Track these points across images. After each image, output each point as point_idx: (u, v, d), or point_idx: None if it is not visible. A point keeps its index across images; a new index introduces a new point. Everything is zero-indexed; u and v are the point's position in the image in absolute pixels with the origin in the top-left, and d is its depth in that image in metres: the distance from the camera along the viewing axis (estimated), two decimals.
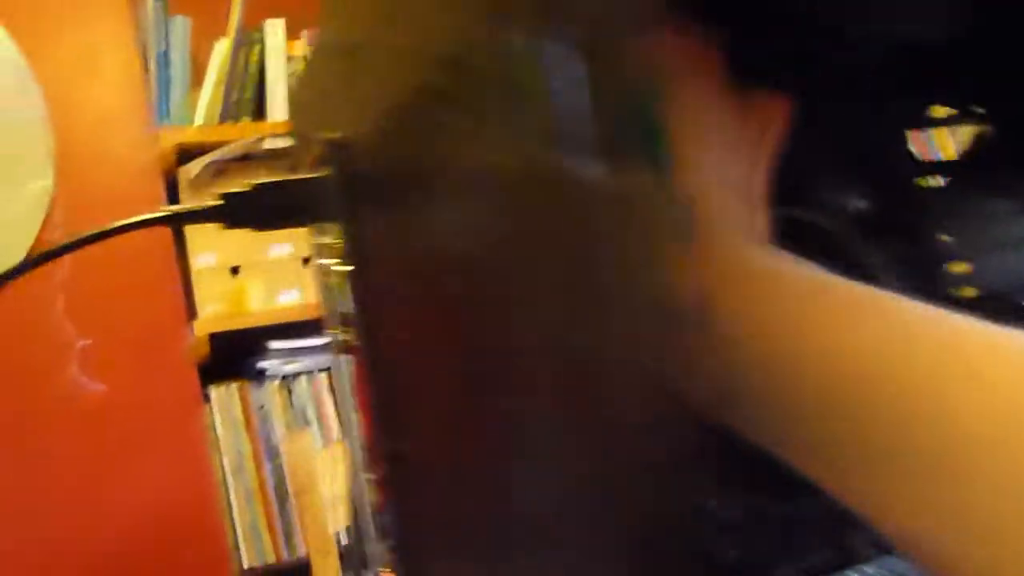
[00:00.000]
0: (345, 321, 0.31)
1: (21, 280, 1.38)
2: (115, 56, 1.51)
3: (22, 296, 1.42)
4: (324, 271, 0.33)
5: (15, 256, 1.42)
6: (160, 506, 1.47)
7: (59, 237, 1.45)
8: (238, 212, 0.31)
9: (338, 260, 0.31)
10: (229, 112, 1.72)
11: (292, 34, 1.78)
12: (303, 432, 1.30)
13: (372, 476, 0.28)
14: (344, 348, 0.33)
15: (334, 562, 1.30)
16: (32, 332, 1.42)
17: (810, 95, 0.26)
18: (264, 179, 0.31)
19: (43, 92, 1.45)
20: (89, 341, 1.45)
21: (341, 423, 1.66)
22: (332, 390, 1.67)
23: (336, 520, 1.31)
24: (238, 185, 0.31)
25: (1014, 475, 0.18)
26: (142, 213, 1.47)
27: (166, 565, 1.46)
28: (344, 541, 1.60)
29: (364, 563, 1.03)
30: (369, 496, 0.32)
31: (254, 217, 0.31)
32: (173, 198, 1.63)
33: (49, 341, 1.43)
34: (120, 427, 1.45)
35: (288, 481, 1.52)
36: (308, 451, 1.29)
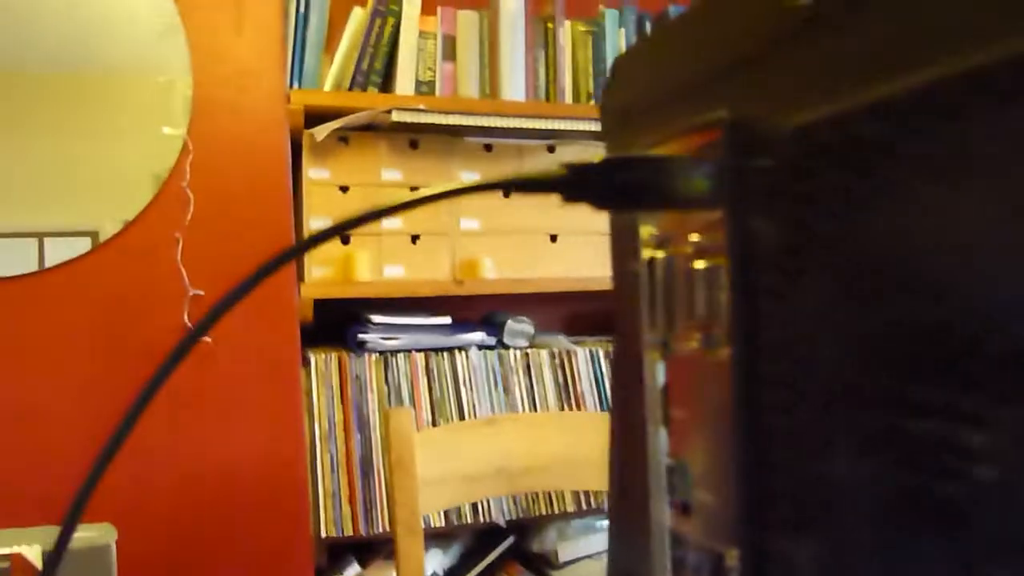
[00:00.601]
0: (702, 323, 0.28)
1: (149, 220, 1.40)
2: (260, 12, 1.52)
3: (147, 236, 1.44)
4: (656, 263, 0.30)
5: (140, 199, 1.44)
6: (248, 462, 1.48)
7: (186, 185, 1.46)
8: (581, 185, 0.28)
9: (693, 253, 0.28)
10: (357, 80, 1.72)
11: (427, 10, 1.77)
12: (404, 409, 1.28)
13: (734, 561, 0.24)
14: (666, 349, 0.30)
15: (419, 543, 1.29)
16: (150, 273, 1.44)
17: None
18: (617, 154, 0.28)
19: (188, 41, 1.46)
20: (201, 292, 1.46)
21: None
22: (427, 371, 1.66)
23: (426, 503, 1.29)
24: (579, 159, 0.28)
25: None
26: (266, 168, 1.50)
27: (246, 521, 1.47)
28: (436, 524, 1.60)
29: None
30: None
31: (597, 193, 0.28)
32: (297, 158, 1.64)
33: (164, 285, 1.44)
34: (219, 380, 1.46)
35: (385, 455, 1.51)
36: (408, 428, 1.28)
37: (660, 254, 0.30)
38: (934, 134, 0.18)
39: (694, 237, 0.28)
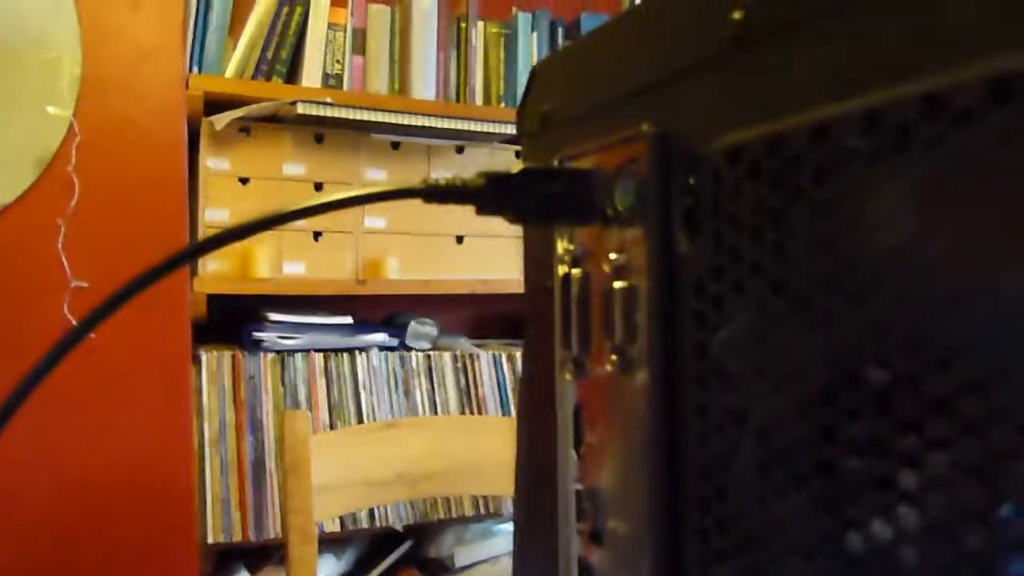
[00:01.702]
0: (618, 345, 0.26)
1: (28, 204, 1.31)
2: None
3: (25, 222, 1.34)
4: (571, 280, 0.29)
5: (19, 183, 1.34)
6: (132, 463, 1.40)
7: (71, 170, 1.37)
8: (499, 196, 0.26)
9: (611, 272, 0.26)
10: (261, 68, 1.66)
11: (337, 1, 1.73)
12: (301, 412, 1.24)
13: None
14: (580, 370, 0.29)
15: (312, 550, 1.25)
16: (27, 262, 1.35)
17: None
18: (529, 165, 0.27)
19: (78, 14, 1.38)
20: (85, 284, 1.38)
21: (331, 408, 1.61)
22: (326, 372, 1.61)
23: (321, 509, 1.26)
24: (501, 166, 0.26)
25: None
26: (160, 156, 1.44)
27: (129, 524, 1.39)
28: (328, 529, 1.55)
29: None
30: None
31: (515, 206, 0.26)
32: (194, 147, 1.56)
33: (43, 275, 1.35)
34: (102, 378, 1.38)
35: (280, 460, 1.46)
36: (304, 431, 1.24)
37: (576, 271, 0.29)
38: (869, 157, 0.18)
39: (612, 255, 0.27)
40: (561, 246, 0.29)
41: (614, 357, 0.26)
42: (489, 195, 0.26)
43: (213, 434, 1.50)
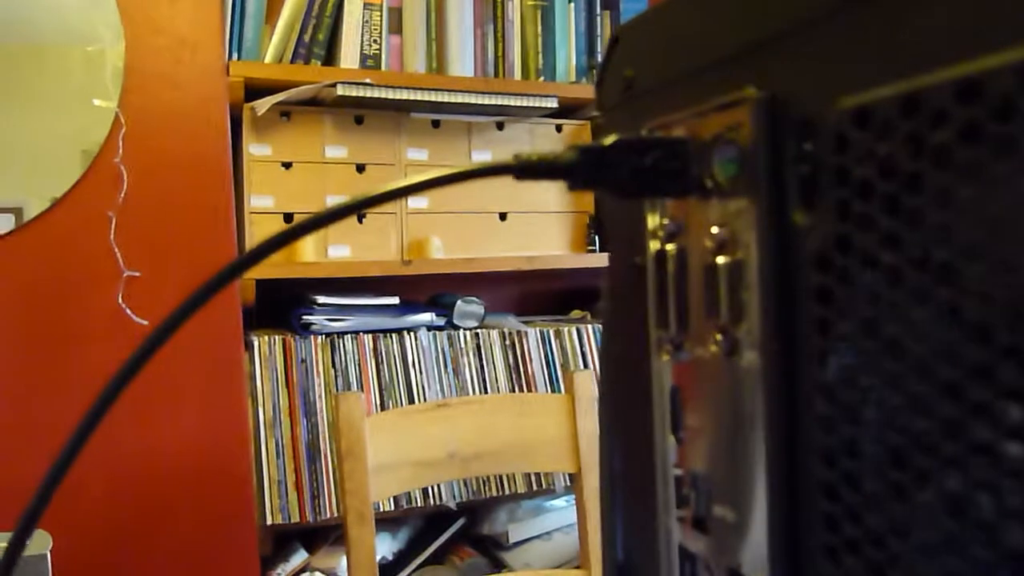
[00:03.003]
0: (722, 325, 0.25)
1: (78, 197, 1.32)
2: None
3: (76, 214, 1.36)
4: (667, 256, 0.28)
5: (69, 175, 1.36)
6: (190, 450, 1.42)
7: (119, 161, 1.39)
8: (595, 170, 0.25)
9: (713, 247, 0.25)
10: (299, 53, 1.66)
11: None
12: (354, 394, 1.25)
13: None
14: (677, 351, 0.27)
15: (370, 531, 1.26)
16: (80, 253, 1.36)
17: None
18: (626, 135, 0.25)
19: (119, 7, 1.38)
20: (137, 273, 1.39)
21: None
22: (375, 353, 1.62)
23: (377, 490, 1.26)
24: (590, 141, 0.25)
25: None
26: (205, 144, 1.44)
27: (189, 509, 1.41)
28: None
29: None
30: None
31: (611, 179, 0.25)
32: (237, 133, 1.57)
33: (96, 266, 1.37)
34: (157, 367, 1.40)
35: (335, 442, 1.48)
36: (358, 414, 1.24)
37: (671, 246, 0.27)
38: (1019, 117, 0.16)
39: (714, 229, 0.25)
40: (653, 220, 0.28)
41: (718, 337, 0.25)
42: (582, 169, 0.25)
43: (268, 418, 1.52)
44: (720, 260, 0.25)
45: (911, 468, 0.19)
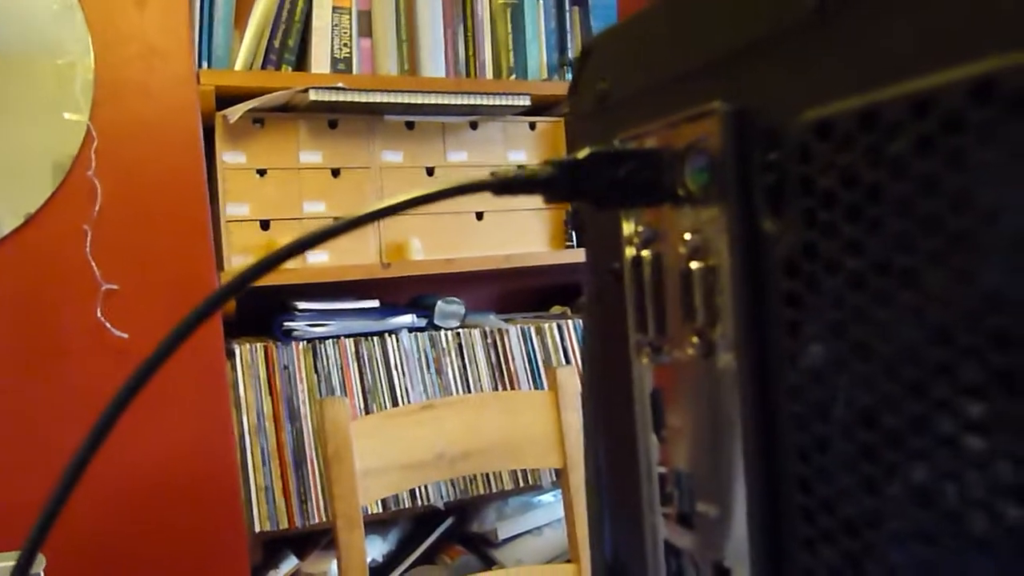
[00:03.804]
0: (698, 328, 0.26)
1: (53, 212, 1.31)
2: None
3: (51, 229, 1.35)
4: (643, 262, 0.28)
5: (41, 190, 1.35)
6: (176, 461, 1.42)
7: (92, 174, 1.38)
8: (570, 184, 0.26)
9: (687, 253, 0.26)
10: (269, 59, 1.65)
11: None
12: (339, 399, 1.25)
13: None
14: (656, 354, 0.28)
15: (359, 534, 1.26)
16: (57, 269, 1.36)
17: None
18: (598, 147, 0.26)
19: (87, 19, 1.37)
20: (115, 286, 1.39)
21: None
22: (357, 357, 1.62)
23: (365, 494, 1.27)
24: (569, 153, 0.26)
25: None
26: (178, 154, 1.43)
27: (178, 519, 1.41)
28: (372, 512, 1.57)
29: None
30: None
31: (590, 191, 0.26)
32: (210, 142, 1.56)
33: (74, 281, 1.36)
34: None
35: (321, 448, 1.48)
36: (344, 419, 1.25)
37: (647, 253, 0.28)
38: (980, 129, 0.17)
39: (687, 235, 0.26)
40: (628, 227, 0.29)
41: (695, 340, 0.26)
42: (558, 183, 0.26)
43: (252, 425, 1.52)
44: (694, 266, 0.26)
45: (880, 462, 0.20)
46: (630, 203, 0.27)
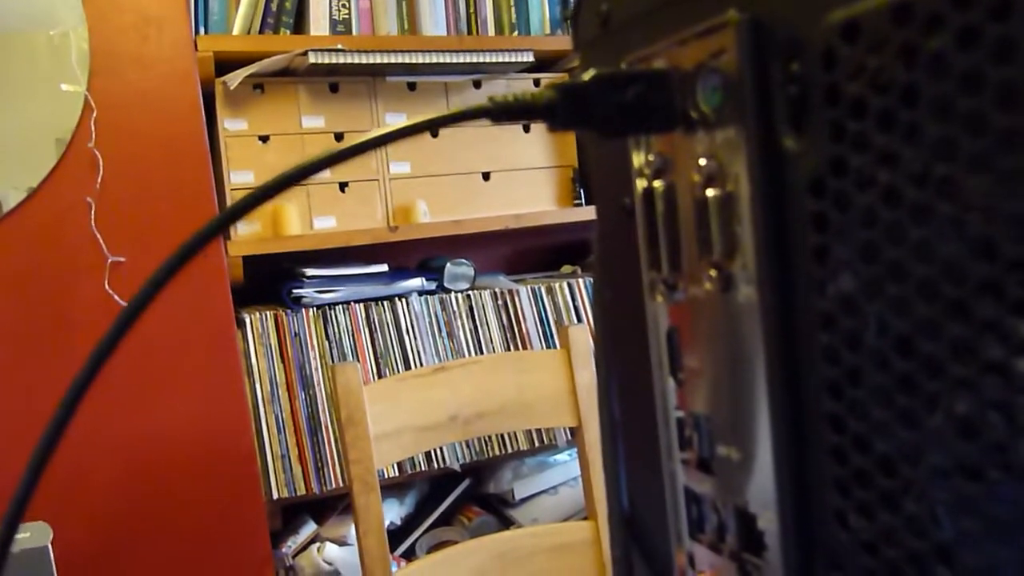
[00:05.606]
0: (716, 261, 0.24)
1: (56, 185, 1.30)
2: None
3: (55, 203, 1.34)
4: (655, 194, 0.27)
5: (43, 164, 1.33)
6: (191, 433, 1.42)
7: (93, 146, 1.36)
8: (576, 109, 0.24)
9: (702, 180, 0.24)
10: (267, 22, 1.62)
11: None
12: (351, 364, 1.24)
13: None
14: (672, 292, 0.27)
15: (376, 498, 1.26)
16: (63, 242, 1.35)
17: None
18: (604, 70, 0.24)
19: None
20: (121, 258, 1.38)
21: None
22: (368, 322, 1.61)
23: (380, 457, 1.27)
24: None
25: None
26: (178, 122, 1.41)
27: (196, 489, 1.42)
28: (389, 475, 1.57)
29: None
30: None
31: (594, 116, 0.24)
32: (211, 110, 1.54)
33: (80, 254, 1.35)
34: (150, 352, 1.39)
35: (334, 413, 1.48)
36: (356, 384, 1.24)
37: (659, 184, 0.26)
38: None
39: (702, 162, 0.24)
40: (638, 158, 0.27)
41: (713, 273, 0.24)
42: (561, 108, 0.24)
43: (266, 394, 1.51)
44: (710, 194, 0.24)
45: (920, 393, 0.18)
46: (639, 130, 0.25)
